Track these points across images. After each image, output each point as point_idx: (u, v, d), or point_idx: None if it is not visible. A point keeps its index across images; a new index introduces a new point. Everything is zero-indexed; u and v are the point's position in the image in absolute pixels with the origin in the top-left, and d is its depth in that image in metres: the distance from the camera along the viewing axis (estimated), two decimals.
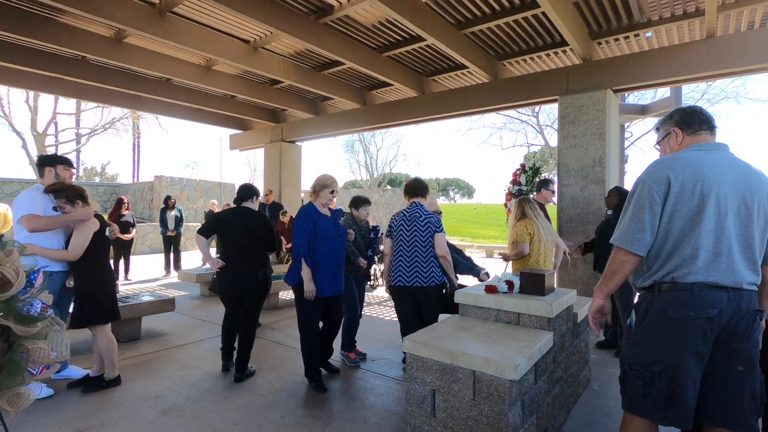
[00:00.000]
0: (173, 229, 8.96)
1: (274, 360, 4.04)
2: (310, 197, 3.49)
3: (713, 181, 1.65)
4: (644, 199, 1.71)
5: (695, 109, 1.87)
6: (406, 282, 3.27)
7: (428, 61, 6.47)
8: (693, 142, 1.83)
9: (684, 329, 1.61)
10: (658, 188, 1.69)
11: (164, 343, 4.48)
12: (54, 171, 3.35)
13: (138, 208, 17.50)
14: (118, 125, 17.96)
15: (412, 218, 3.36)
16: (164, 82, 7.36)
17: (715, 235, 1.63)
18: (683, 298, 1.63)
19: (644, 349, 1.69)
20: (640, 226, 1.70)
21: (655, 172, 1.73)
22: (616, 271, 1.77)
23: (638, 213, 1.71)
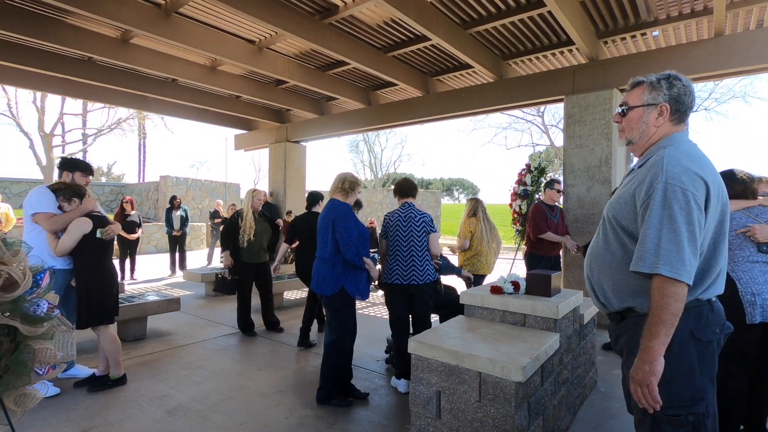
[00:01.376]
0: (178, 228, 9.00)
1: (279, 360, 4.04)
2: (338, 195, 3.24)
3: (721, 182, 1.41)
4: (692, 210, 1.29)
5: (691, 89, 1.47)
6: (403, 280, 3.32)
7: (433, 61, 6.46)
8: (671, 132, 1.46)
9: (714, 352, 1.37)
10: (700, 197, 1.30)
11: (169, 342, 4.49)
12: (72, 177, 3.37)
13: (144, 208, 17.59)
14: (124, 125, 18.09)
15: (408, 218, 3.41)
16: (170, 82, 7.39)
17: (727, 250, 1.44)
18: (707, 314, 1.37)
19: (680, 386, 1.32)
20: (693, 249, 1.29)
21: (687, 172, 1.32)
22: (677, 312, 1.28)
23: (690, 230, 1.28)
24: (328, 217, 3.11)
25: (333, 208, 3.13)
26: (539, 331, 2.55)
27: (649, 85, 1.48)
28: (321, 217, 3.21)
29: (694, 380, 1.33)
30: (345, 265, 3.06)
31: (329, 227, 3.08)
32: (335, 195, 3.25)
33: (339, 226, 3.02)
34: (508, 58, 6.20)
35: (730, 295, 2.20)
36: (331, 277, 3.04)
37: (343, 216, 3.08)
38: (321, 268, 3.12)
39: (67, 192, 3.17)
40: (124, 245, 8.28)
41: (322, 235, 3.16)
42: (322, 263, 3.13)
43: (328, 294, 3.05)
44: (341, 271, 3.06)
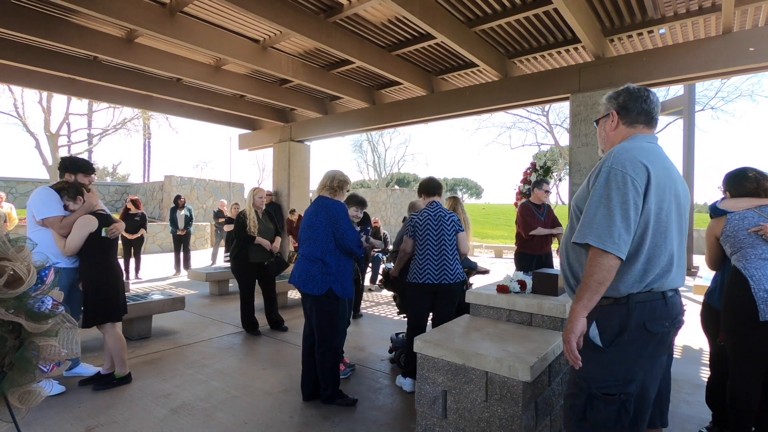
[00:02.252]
0: (183, 228, 9.02)
1: (283, 359, 4.03)
2: (325, 193, 3.17)
3: (673, 176, 1.54)
4: (628, 191, 1.41)
5: (641, 95, 1.62)
6: (434, 279, 3.32)
7: (437, 60, 6.43)
8: (628, 134, 1.62)
9: (659, 342, 1.47)
10: (639, 180, 1.43)
11: (174, 341, 4.49)
12: (74, 178, 3.36)
13: (148, 208, 17.66)
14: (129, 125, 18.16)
15: (438, 217, 3.43)
16: (174, 82, 7.39)
17: (678, 238, 1.51)
18: (659, 308, 1.47)
19: (617, 369, 1.45)
20: (625, 225, 1.40)
21: (631, 159, 1.46)
22: (603, 280, 1.41)
23: (619, 208, 1.41)
24: (319, 215, 3.02)
25: (327, 207, 3.03)
26: (546, 330, 2.52)
27: (606, 100, 1.73)
28: (309, 214, 3.12)
29: (634, 365, 1.45)
30: (336, 264, 2.99)
31: (322, 225, 2.99)
32: (323, 192, 3.18)
33: (341, 225, 2.97)
34: (513, 56, 6.16)
35: (743, 293, 2.18)
36: (319, 276, 2.96)
37: (343, 214, 3.04)
38: (308, 267, 3.01)
39: (71, 191, 3.18)
40: (128, 244, 8.31)
41: (310, 233, 3.04)
42: (309, 262, 3.01)
43: (316, 294, 2.97)
44: (330, 271, 2.97)
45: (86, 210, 3.24)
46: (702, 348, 4.42)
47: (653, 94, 1.66)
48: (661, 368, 1.53)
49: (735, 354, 2.28)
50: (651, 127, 1.64)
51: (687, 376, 3.71)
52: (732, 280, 2.30)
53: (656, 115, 1.64)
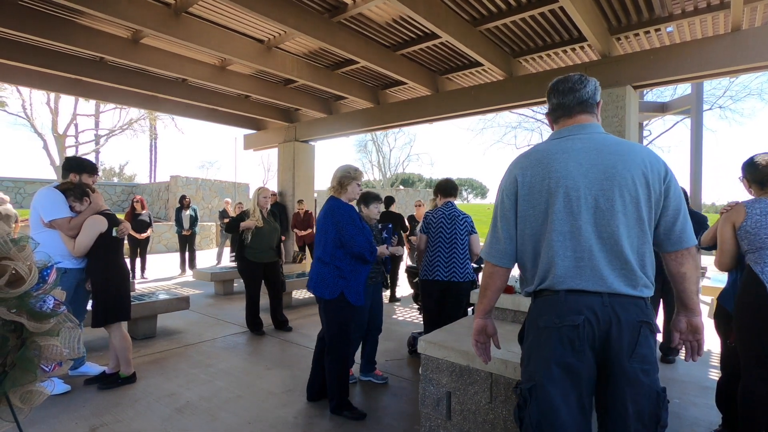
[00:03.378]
0: (188, 228, 9.06)
1: (287, 359, 4.02)
2: (334, 192, 3.08)
3: (562, 174, 1.43)
4: (497, 206, 1.58)
5: (552, 89, 1.60)
6: (444, 276, 3.45)
7: (442, 59, 6.41)
8: (557, 128, 1.59)
9: (550, 338, 1.40)
10: (508, 191, 1.53)
11: (179, 341, 4.50)
12: (79, 179, 3.37)
13: (154, 208, 17.76)
14: (135, 126, 18.29)
15: (452, 217, 3.55)
16: (180, 82, 7.43)
17: (572, 238, 1.41)
18: (551, 304, 1.43)
19: (524, 366, 1.48)
20: (496, 236, 1.56)
21: (507, 172, 1.57)
22: (487, 286, 1.59)
23: (494, 221, 1.58)
24: (327, 219, 2.93)
25: (332, 210, 2.93)
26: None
27: None
28: (320, 217, 3.05)
29: (531, 361, 1.45)
30: (349, 269, 2.88)
31: (330, 229, 2.89)
32: (331, 192, 3.11)
33: (346, 229, 2.85)
34: (518, 55, 6.12)
35: (757, 296, 2.12)
36: (331, 279, 2.87)
37: (348, 218, 2.88)
38: (321, 269, 2.94)
39: (77, 191, 3.19)
40: (134, 244, 8.36)
41: (320, 236, 2.99)
42: (322, 265, 2.94)
43: (327, 297, 2.87)
44: (342, 276, 2.87)
45: (93, 210, 3.26)
46: (710, 350, 4.37)
47: (567, 80, 1.57)
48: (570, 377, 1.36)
49: (747, 356, 2.23)
50: (573, 115, 1.55)
51: (694, 378, 3.66)
52: (746, 281, 2.22)
53: (572, 102, 1.54)
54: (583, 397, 1.37)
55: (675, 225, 1.45)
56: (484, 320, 1.64)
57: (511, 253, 1.55)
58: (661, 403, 1.38)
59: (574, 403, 1.36)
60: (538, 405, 1.37)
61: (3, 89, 15.99)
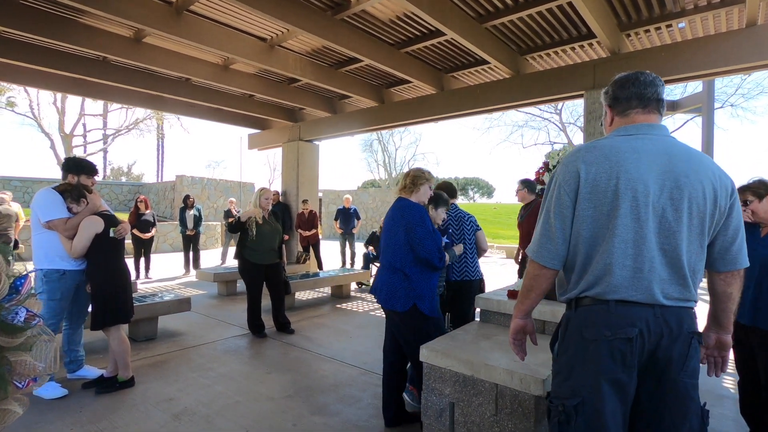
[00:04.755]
0: (192, 228, 9.03)
1: (288, 363, 3.95)
2: (404, 193, 2.83)
3: (634, 175, 1.31)
4: (553, 200, 1.41)
5: (629, 78, 1.46)
6: (457, 277, 3.52)
7: (447, 57, 6.30)
8: (621, 124, 1.46)
9: (599, 353, 1.30)
10: (567, 186, 1.38)
11: (180, 343, 4.45)
12: (77, 180, 3.31)
13: (160, 207, 17.82)
14: (141, 126, 18.35)
15: (459, 218, 3.62)
16: (184, 82, 7.39)
17: (634, 247, 1.31)
18: (599, 314, 1.34)
19: (564, 379, 1.37)
20: (548, 235, 1.42)
21: (566, 165, 1.41)
22: (531, 287, 1.48)
23: (546, 218, 1.43)
24: (396, 220, 2.69)
25: (403, 210, 2.70)
26: None
27: (602, 98, 1.58)
28: (388, 218, 2.81)
29: (574, 375, 1.34)
30: (418, 278, 2.62)
31: (400, 232, 2.65)
32: (401, 193, 2.86)
33: (416, 231, 2.60)
34: (525, 53, 6.00)
35: None
36: (402, 290, 2.61)
37: (419, 220, 2.64)
38: (390, 279, 2.66)
39: (75, 193, 3.13)
40: (138, 244, 8.34)
41: (388, 240, 2.72)
42: (390, 273, 2.67)
43: (400, 310, 2.60)
44: (413, 285, 2.62)
45: (90, 211, 3.20)
46: None
47: (646, 74, 1.46)
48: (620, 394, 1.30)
49: None
50: (648, 110, 1.44)
51: (707, 387, 3.54)
52: None
53: (652, 95, 1.43)
54: (626, 414, 1.32)
55: (733, 245, 1.38)
56: (524, 320, 1.56)
57: (563, 255, 1.42)
58: (705, 419, 1.33)
59: (620, 420, 1.30)
60: (587, 423, 1.29)
61: (10, 89, 16.12)
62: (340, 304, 6.56)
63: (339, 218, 9.55)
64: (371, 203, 21.04)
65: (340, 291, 7.00)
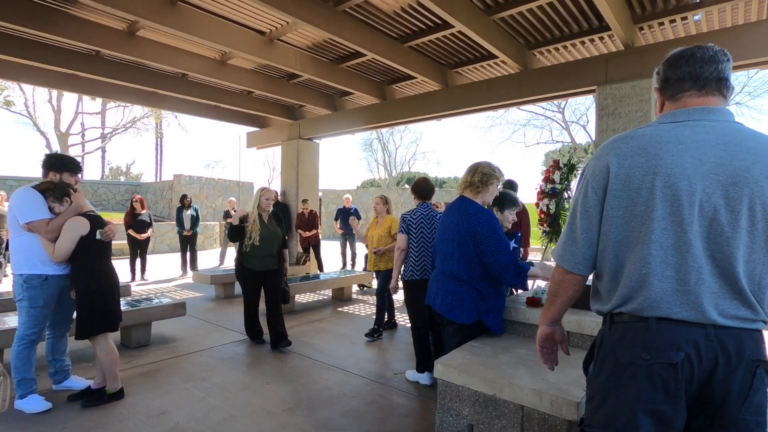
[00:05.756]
0: (189, 228, 8.81)
1: (289, 372, 3.74)
2: (468, 192, 2.54)
3: (674, 170, 1.11)
4: (578, 199, 1.27)
5: (683, 55, 1.23)
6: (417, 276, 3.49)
7: (452, 52, 6.08)
8: (672, 110, 1.24)
9: (636, 377, 1.11)
10: (595, 182, 1.22)
11: (174, 350, 4.23)
12: (59, 177, 3.09)
13: (158, 207, 17.59)
14: (139, 124, 18.11)
15: (430, 217, 3.57)
16: (180, 77, 7.17)
17: (676, 254, 1.11)
18: (636, 334, 1.14)
19: (597, 406, 1.19)
20: (572, 237, 1.27)
21: (597, 157, 1.25)
22: (556, 293, 1.35)
23: (572, 218, 1.29)
24: (462, 227, 2.38)
25: (470, 217, 2.37)
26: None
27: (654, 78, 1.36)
28: (448, 222, 2.50)
29: (607, 403, 1.17)
30: (490, 292, 2.37)
31: (468, 241, 2.35)
32: (464, 191, 2.56)
33: (488, 244, 2.29)
34: (533, 47, 5.79)
35: None
36: (469, 301, 2.36)
37: (490, 230, 2.31)
38: (455, 288, 2.40)
39: (57, 192, 2.91)
40: (134, 245, 8.13)
41: (450, 248, 2.44)
42: (455, 282, 2.41)
43: (466, 322, 2.37)
44: (484, 298, 2.37)
45: (74, 212, 2.98)
46: None
47: (705, 48, 1.21)
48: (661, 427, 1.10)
49: None
50: (705, 92, 1.20)
51: None
52: None
53: (711, 73, 1.20)
54: None
55: None
56: (552, 328, 1.43)
57: (589, 259, 1.26)
58: None
59: None
60: None
61: (7, 88, 15.87)
62: (341, 307, 6.35)
63: (339, 218, 9.33)
64: (371, 203, 20.82)
65: (342, 293, 6.78)
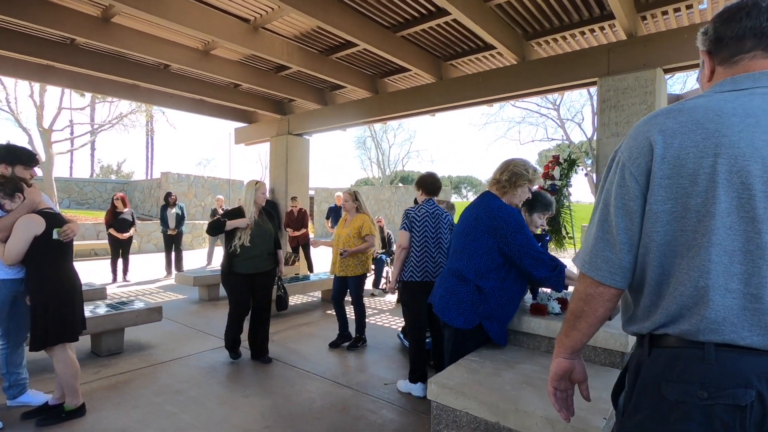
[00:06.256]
0: (174, 227, 8.47)
1: (270, 383, 3.45)
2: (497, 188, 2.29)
3: (744, 151, 0.84)
4: (613, 189, 0.98)
5: (742, 6, 0.95)
6: (433, 277, 3.21)
7: (447, 42, 5.82)
8: (727, 76, 0.97)
9: (689, 420, 0.85)
10: (635, 167, 0.94)
11: (148, 358, 3.93)
12: (11, 171, 2.78)
13: (146, 206, 17.19)
14: (126, 121, 17.63)
15: (436, 215, 3.31)
16: (161, 69, 6.84)
17: (745, 261, 0.85)
18: (689, 364, 0.88)
19: None
20: (606, 238, 0.99)
21: (634, 136, 0.97)
22: (580, 313, 1.04)
23: (604, 214, 1.00)
24: (480, 221, 2.16)
25: (492, 211, 2.16)
26: (602, 368, 1.92)
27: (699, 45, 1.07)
28: (467, 217, 2.28)
29: None
30: (494, 294, 2.14)
31: (482, 237, 2.14)
32: (491, 188, 2.34)
33: (515, 238, 2.05)
34: (531, 38, 5.53)
35: None
36: (469, 303, 2.14)
37: (516, 225, 2.09)
38: (455, 287, 2.21)
39: (8, 187, 2.61)
40: (116, 245, 7.80)
41: (464, 242, 2.23)
42: (456, 280, 2.22)
43: (461, 326, 2.15)
44: (487, 301, 2.13)
45: (28, 209, 2.68)
46: None
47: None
48: None
49: None
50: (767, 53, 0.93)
51: None
52: None
53: None
54: None
55: None
56: (570, 361, 1.11)
57: (628, 266, 0.97)
58: None
59: None
60: None
61: None
62: (331, 309, 6.06)
63: (331, 217, 9.05)
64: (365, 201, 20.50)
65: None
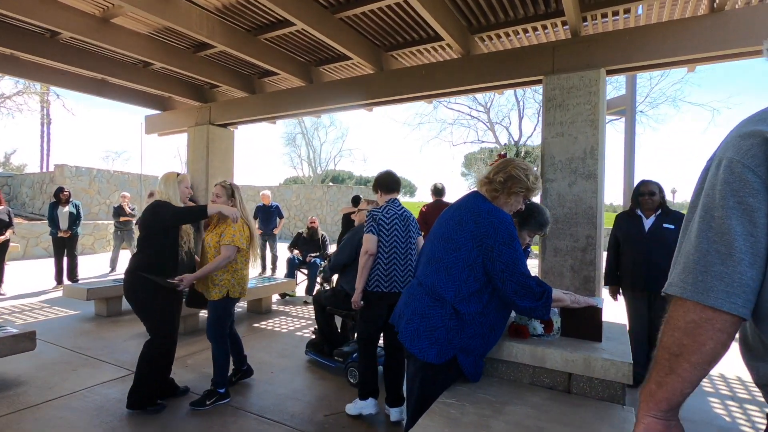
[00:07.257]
0: (66, 229, 7.16)
1: (182, 425, 2.75)
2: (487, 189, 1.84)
3: None
4: (716, 192, 0.80)
5: None
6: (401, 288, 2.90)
7: (389, 31, 5.40)
8: None
9: None
10: (749, 160, 0.78)
11: (14, 401, 3.02)
12: None
13: (36, 204, 14.84)
14: (9, 103, 15.00)
15: (405, 218, 3.01)
16: (48, 38, 5.67)
17: None
18: None
19: None
20: (720, 251, 0.78)
21: (740, 136, 0.81)
22: (681, 350, 0.80)
23: (706, 225, 0.81)
24: (465, 225, 1.72)
25: (479, 215, 1.71)
26: (600, 404, 1.57)
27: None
28: (445, 216, 1.86)
29: None
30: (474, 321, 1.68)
31: (465, 243, 1.69)
32: (480, 188, 1.89)
33: (502, 253, 1.64)
34: (476, 32, 5.30)
35: None
36: (443, 330, 1.67)
37: (507, 235, 1.66)
38: (429, 310, 1.72)
39: None
40: None
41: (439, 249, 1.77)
42: (432, 302, 1.72)
43: (432, 361, 1.68)
44: (464, 328, 1.68)
45: None
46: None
47: None
48: None
49: None
50: None
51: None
52: None
53: None
54: None
55: None
56: (666, 423, 0.84)
57: (754, 288, 0.77)
58: None
59: None
60: None
61: None
62: (258, 322, 5.36)
63: (258, 217, 8.26)
64: (295, 200, 19.62)
65: (259, 305, 5.79)
